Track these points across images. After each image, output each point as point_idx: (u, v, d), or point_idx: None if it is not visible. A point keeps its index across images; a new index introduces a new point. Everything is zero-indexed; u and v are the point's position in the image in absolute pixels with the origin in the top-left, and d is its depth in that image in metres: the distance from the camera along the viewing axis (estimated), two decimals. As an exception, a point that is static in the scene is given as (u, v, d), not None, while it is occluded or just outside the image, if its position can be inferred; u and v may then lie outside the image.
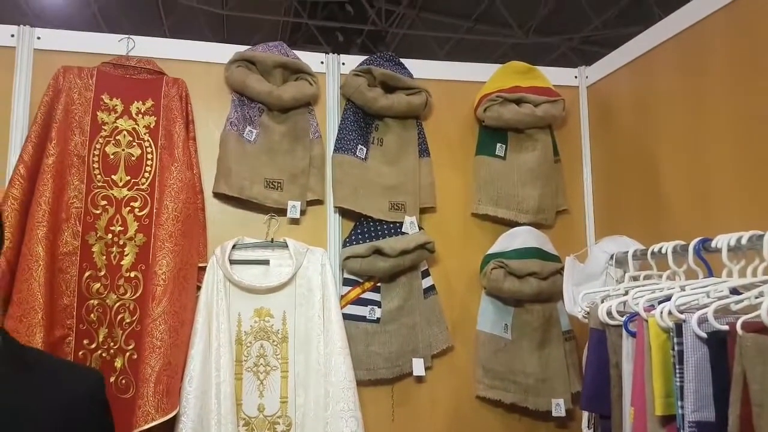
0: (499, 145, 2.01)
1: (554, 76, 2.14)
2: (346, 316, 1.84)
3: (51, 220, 1.62)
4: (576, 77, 2.20)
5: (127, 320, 1.68)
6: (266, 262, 1.85)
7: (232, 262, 1.81)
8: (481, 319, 1.95)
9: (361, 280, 1.90)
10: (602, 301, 1.39)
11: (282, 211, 1.88)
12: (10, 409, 0.87)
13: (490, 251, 1.95)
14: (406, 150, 1.97)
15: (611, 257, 1.59)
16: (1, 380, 0.89)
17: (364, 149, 1.95)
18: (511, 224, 1.99)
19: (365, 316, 1.88)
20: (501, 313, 1.95)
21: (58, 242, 1.65)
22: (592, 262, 1.62)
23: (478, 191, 1.99)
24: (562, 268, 1.87)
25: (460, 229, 2.00)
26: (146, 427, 1.50)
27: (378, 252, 1.84)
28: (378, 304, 1.89)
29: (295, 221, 1.91)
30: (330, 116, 1.99)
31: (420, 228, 1.92)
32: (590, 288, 1.57)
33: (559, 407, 1.90)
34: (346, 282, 1.90)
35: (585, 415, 1.48)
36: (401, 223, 1.90)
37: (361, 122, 1.97)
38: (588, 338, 1.43)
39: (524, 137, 2.04)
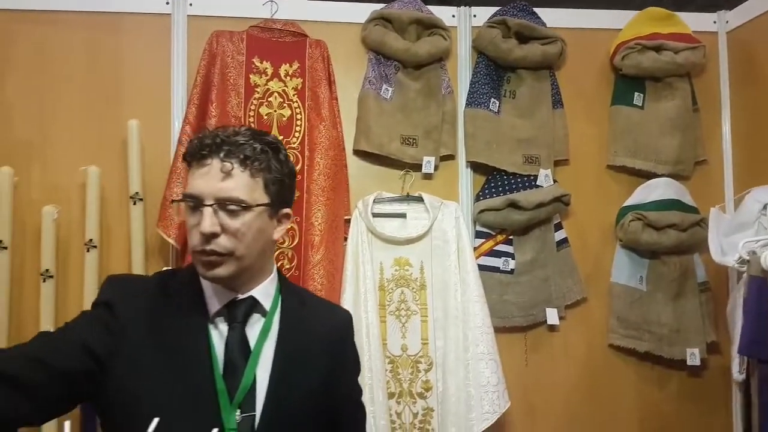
0: (636, 94, 2.06)
1: (692, 21, 2.14)
2: (480, 267, 1.99)
3: (217, 176, 1.84)
4: (715, 22, 2.18)
5: (287, 266, 1.91)
6: (403, 215, 2.02)
7: (374, 215, 1.98)
8: (615, 271, 2.05)
9: (493, 233, 2.04)
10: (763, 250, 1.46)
11: (416, 167, 2.03)
12: (304, 338, 1.08)
13: (627, 203, 2.03)
14: (540, 102, 2.05)
15: (764, 206, 1.64)
16: (291, 312, 1.09)
17: (497, 102, 2.05)
18: (648, 176, 2.06)
19: (499, 267, 2.02)
20: (636, 265, 2.04)
21: (223, 197, 1.87)
22: (743, 212, 1.68)
23: (615, 142, 2.06)
24: (702, 220, 1.93)
25: (594, 181, 2.09)
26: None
27: (513, 205, 1.97)
28: (511, 255, 2.03)
29: (428, 176, 2.06)
30: (461, 70, 2.09)
31: (554, 181, 2.02)
32: (741, 237, 1.62)
33: (693, 356, 2.00)
34: (478, 234, 2.04)
35: (736, 360, 1.57)
36: (535, 176, 2.01)
37: (493, 75, 2.06)
38: (747, 287, 1.51)
39: (662, 86, 2.08)
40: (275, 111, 1.95)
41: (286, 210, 1.08)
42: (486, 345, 1.90)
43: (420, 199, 2.02)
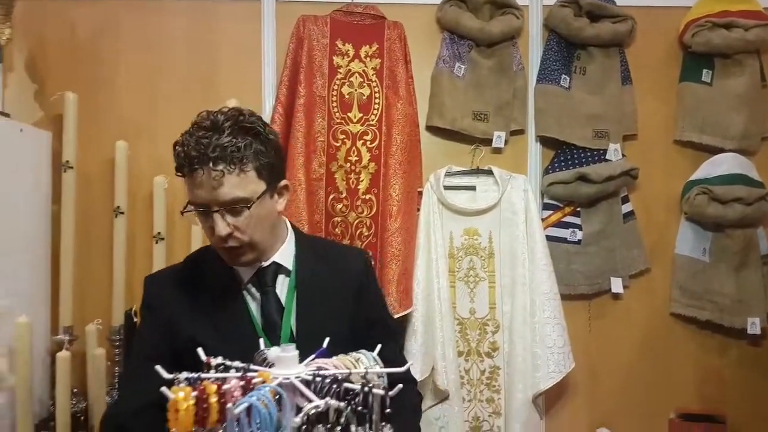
0: (705, 70, 2.16)
1: (762, -4, 2.21)
2: (548, 238, 2.17)
3: (305, 151, 2.07)
4: (786, -3, 2.24)
5: (365, 234, 2.13)
6: (473, 188, 2.20)
7: (445, 187, 2.17)
8: (679, 243, 2.19)
9: (561, 205, 2.20)
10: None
11: (486, 141, 2.20)
12: (322, 286, 1.28)
13: (693, 177, 2.15)
14: (609, 78, 2.19)
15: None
16: (306, 266, 1.29)
17: (567, 79, 2.19)
18: (713, 151, 2.18)
19: (566, 238, 2.19)
20: (700, 237, 2.17)
21: (310, 170, 2.09)
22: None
23: (683, 118, 2.18)
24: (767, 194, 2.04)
25: (660, 156, 2.23)
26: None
27: (582, 178, 2.13)
28: (579, 227, 2.19)
29: (497, 150, 2.23)
30: (532, 48, 2.24)
31: (623, 155, 2.16)
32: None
33: (754, 325, 2.13)
34: (546, 206, 2.21)
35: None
36: (604, 151, 2.16)
37: (564, 52, 2.21)
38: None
39: (731, 62, 2.17)
40: (356, 90, 2.15)
41: (283, 182, 1.23)
42: (552, 310, 2.08)
43: (489, 173, 2.19)
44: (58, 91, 2.07)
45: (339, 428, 0.70)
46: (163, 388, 0.71)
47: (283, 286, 1.26)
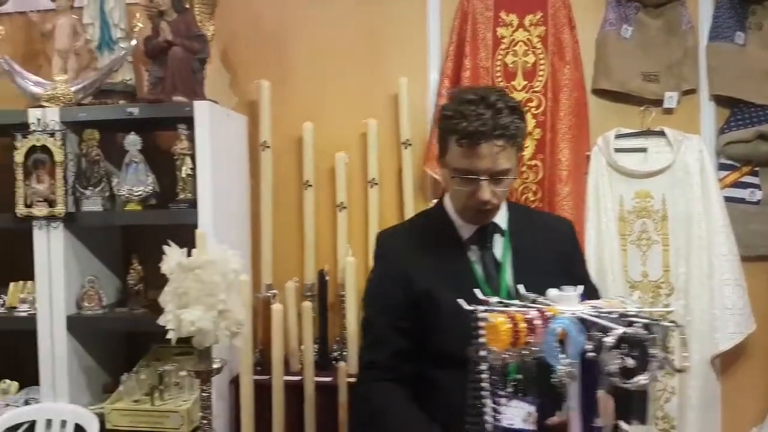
0: None
1: None
2: (725, 198, 2.17)
3: (471, 122, 2.19)
4: None
5: (531, 199, 2.26)
6: (644, 150, 2.22)
7: (614, 150, 2.20)
8: None
9: (738, 165, 2.16)
10: None
11: (656, 102, 2.21)
12: (533, 246, 1.43)
13: None
14: (790, 31, 2.11)
15: None
16: (518, 228, 1.45)
17: (742, 35, 2.15)
18: None
19: (744, 198, 2.17)
20: None
21: (474, 139, 2.22)
22: None
23: None
24: None
25: None
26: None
27: (763, 137, 2.09)
28: (758, 186, 2.17)
29: (667, 111, 2.25)
30: (703, 5, 2.22)
31: (808, 109, 2.08)
32: None
33: None
34: (722, 167, 2.21)
35: None
36: (787, 107, 2.09)
37: (737, 8, 2.19)
38: None
39: None
40: (520, 59, 2.25)
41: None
42: (732, 272, 2.09)
43: (660, 134, 2.21)
44: (247, 79, 2.36)
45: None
46: (483, 313, 0.87)
47: (497, 245, 1.45)
